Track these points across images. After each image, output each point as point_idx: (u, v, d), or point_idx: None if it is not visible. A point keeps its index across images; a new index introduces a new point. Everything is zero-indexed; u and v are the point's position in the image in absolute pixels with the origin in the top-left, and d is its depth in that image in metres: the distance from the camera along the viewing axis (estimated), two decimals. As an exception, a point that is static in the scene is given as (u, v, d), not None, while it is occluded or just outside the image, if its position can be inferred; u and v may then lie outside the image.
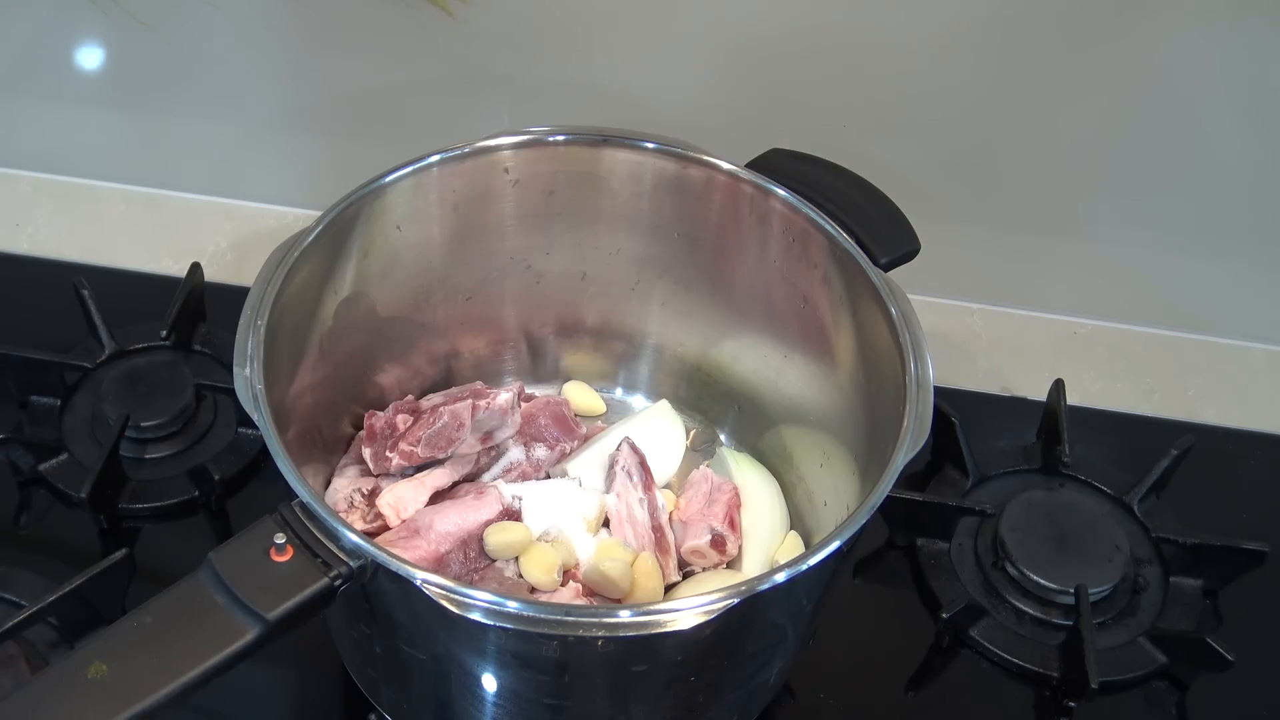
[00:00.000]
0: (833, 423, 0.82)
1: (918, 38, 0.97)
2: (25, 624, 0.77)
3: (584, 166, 0.84)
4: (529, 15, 0.99)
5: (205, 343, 0.99)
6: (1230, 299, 1.09)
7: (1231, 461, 1.01)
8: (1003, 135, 1.02)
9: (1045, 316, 1.12)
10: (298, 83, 1.07)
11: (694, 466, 0.89)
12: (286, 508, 0.64)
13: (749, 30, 0.98)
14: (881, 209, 0.81)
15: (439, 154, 0.81)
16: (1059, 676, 0.84)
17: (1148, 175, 1.02)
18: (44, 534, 0.89)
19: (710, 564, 0.82)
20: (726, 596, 0.61)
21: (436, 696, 0.72)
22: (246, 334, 0.70)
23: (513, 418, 0.83)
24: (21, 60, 1.08)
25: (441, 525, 0.78)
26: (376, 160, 0.80)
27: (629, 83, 1.02)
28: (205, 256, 1.07)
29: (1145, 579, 0.90)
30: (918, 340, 0.73)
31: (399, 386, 0.88)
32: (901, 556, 0.91)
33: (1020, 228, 1.07)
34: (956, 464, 0.95)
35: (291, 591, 0.61)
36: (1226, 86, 0.97)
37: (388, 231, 0.81)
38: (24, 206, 1.14)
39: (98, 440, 0.92)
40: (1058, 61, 0.97)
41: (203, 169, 1.14)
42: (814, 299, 0.82)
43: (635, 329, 0.93)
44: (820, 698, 0.84)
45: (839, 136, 1.00)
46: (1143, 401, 1.06)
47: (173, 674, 0.59)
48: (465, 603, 0.60)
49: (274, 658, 0.65)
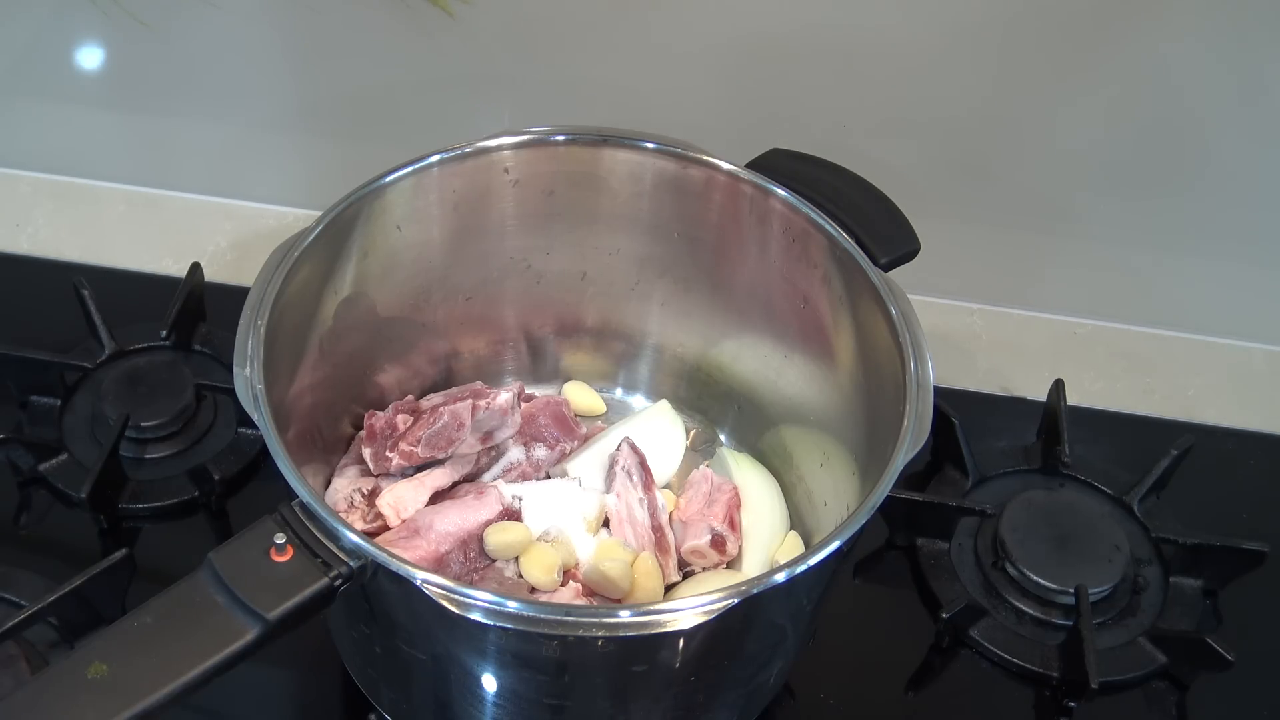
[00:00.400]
0: (833, 423, 0.82)
1: (918, 38, 0.97)
2: (25, 624, 0.77)
3: (584, 166, 0.84)
4: (529, 15, 0.99)
5: (205, 343, 0.99)
6: (1230, 299, 1.09)
7: (1231, 461, 1.01)
8: (1003, 135, 1.02)
9: (1045, 316, 1.12)
10: (298, 83, 1.07)
11: (694, 466, 0.88)
12: (286, 508, 0.64)
13: (749, 30, 0.98)
14: (881, 209, 0.81)
15: (439, 154, 0.81)
16: (1059, 676, 0.84)
17: (1148, 175, 1.02)
18: (44, 534, 0.89)
19: (710, 564, 0.82)
20: (726, 596, 0.61)
21: (436, 696, 0.72)
22: (246, 334, 0.70)
23: (513, 418, 0.83)
24: (21, 60, 1.08)
25: (441, 525, 0.78)
26: (376, 160, 0.80)
27: (629, 83, 1.02)
28: (205, 256, 1.07)
29: (1145, 579, 0.90)
30: (918, 340, 0.73)
31: (399, 386, 0.88)
32: (901, 556, 0.91)
33: (1020, 228, 1.07)
34: (956, 464, 0.95)
35: (291, 591, 0.61)
36: (1226, 86, 0.97)
37: (388, 231, 0.81)
38: (24, 206, 1.14)
39: (98, 440, 0.92)
40: (1058, 62, 0.97)
41: (203, 169, 1.14)
42: (814, 299, 0.82)
43: (635, 329, 0.93)
44: (820, 698, 0.84)
45: (839, 136, 1.00)
46: (1143, 401, 1.06)
47: (173, 674, 0.59)
48: (465, 603, 0.60)
49: (274, 658, 0.65)
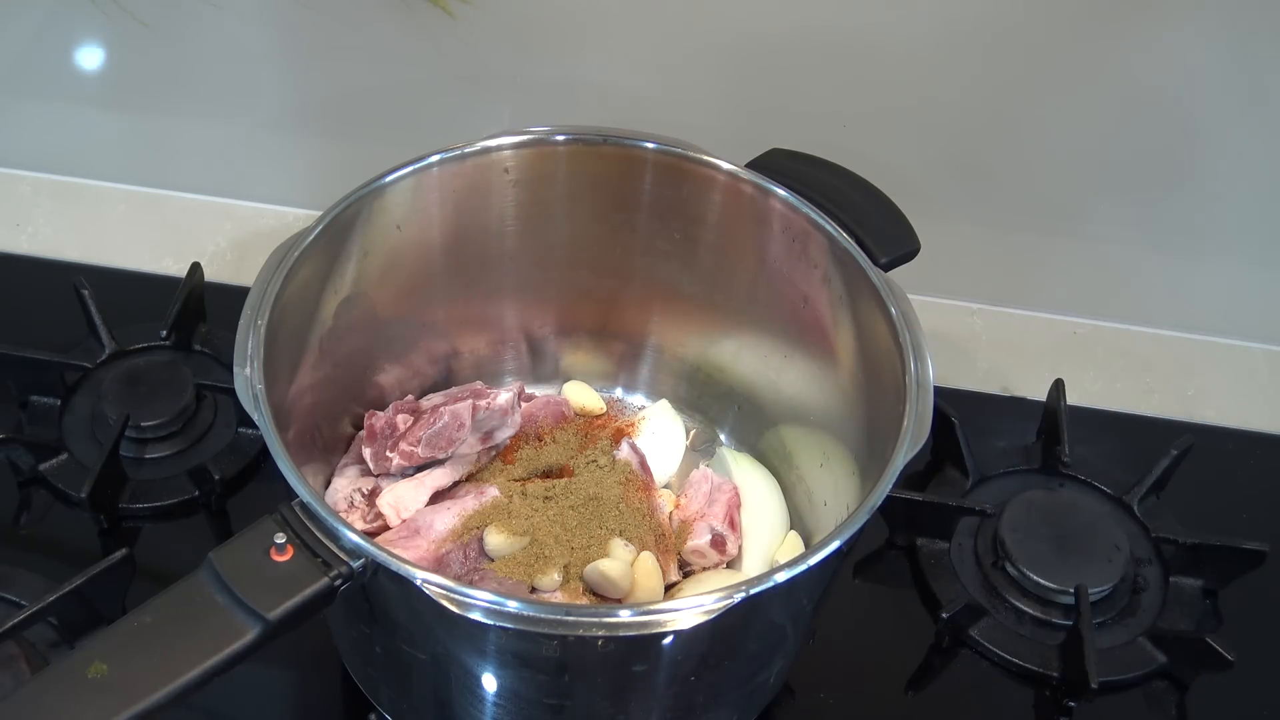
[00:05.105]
0: (833, 423, 0.82)
1: (918, 38, 0.97)
2: (25, 624, 0.77)
3: (584, 166, 0.84)
4: (529, 15, 0.99)
5: (205, 343, 0.99)
6: (1230, 299, 1.09)
7: (1231, 461, 1.01)
8: (1003, 135, 1.02)
9: (1045, 316, 1.12)
10: (298, 83, 1.07)
11: (694, 466, 0.88)
12: (286, 507, 0.64)
13: (749, 30, 0.98)
14: (881, 209, 0.81)
15: (439, 154, 0.81)
16: (1059, 676, 0.84)
17: (1148, 175, 1.02)
18: (44, 534, 0.89)
19: (710, 564, 0.82)
20: (726, 596, 0.61)
21: (436, 696, 0.72)
22: (246, 334, 0.70)
23: (513, 418, 0.83)
24: (21, 60, 1.08)
25: (441, 525, 0.78)
26: (376, 160, 0.80)
27: (629, 83, 1.02)
28: (205, 256, 1.07)
29: (1145, 579, 0.90)
30: (918, 340, 0.73)
31: (399, 386, 0.88)
32: (901, 556, 0.91)
33: (1020, 228, 1.07)
34: (956, 464, 0.95)
35: (291, 591, 0.61)
36: (1227, 87, 0.97)
37: (388, 231, 0.81)
38: (24, 206, 1.14)
39: (98, 440, 0.92)
40: (1058, 62, 0.97)
41: (203, 169, 1.14)
42: (814, 299, 0.82)
43: (635, 329, 0.93)
44: (820, 698, 0.84)
45: (839, 136, 1.00)
46: (1143, 401, 1.06)
47: (173, 674, 0.59)
48: (465, 602, 0.60)
49: (274, 658, 0.65)
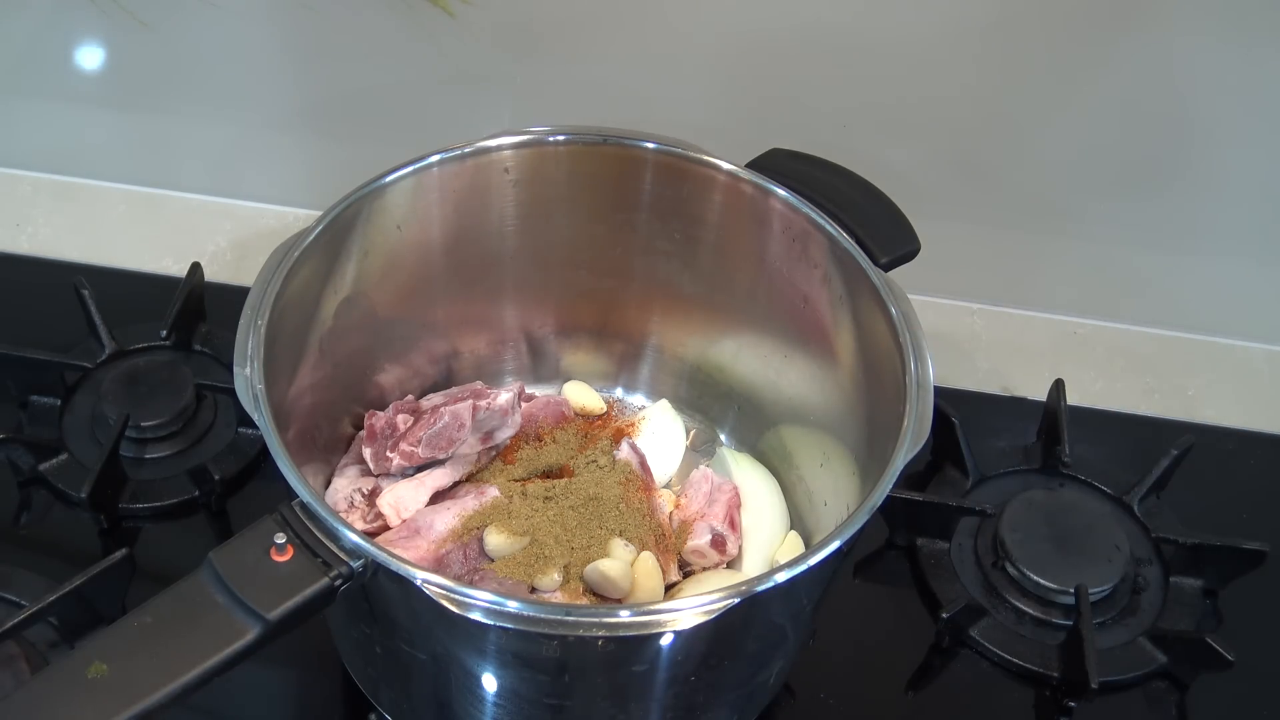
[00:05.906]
0: (833, 423, 0.82)
1: (918, 37, 0.97)
2: (25, 624, 0.77)
3: (584, 166, 0.84)
4: (529, 15, 0.99)
5: (205, 343, 0.99)
6: (1230, 299, 1.09)
7: (1231, 461, 1.01)
8: (1003, 135, 1.02)
9: (1045, 316, 1.12)
10: (298, 83, 1.07)
11: (694, 466, 0.88)
12: (286, 508, 0.64)
13: (749, 30, 0.98)
14: (881, 209, 0.81)
15: (439, 154, 0.81)
16: (1059, 676, 0.84)
17: (1148, 175, 1.02)
18: (44, 534, 0.89)
19: (710, 564, 0.82)
20: (726, 596, 0.61)
21: (436, 696, 0.72)
22: (246, 334, 0.70)
23: (513, 418, 0.83)
24: (21, 60, 1.08)
25: (441, 525, 0.78)
26: (376, 160, 0.80)
27: (629, 83, 1.02)
28: (205, 256, 1.07)
29: (1145, 579, 0.90)
30: (918, 340, 0.73)
31: (399, 386, 0.88)
32: (901, 556, 0.91)
33: (1020, 228, 1.07)
34: (956, 464, 0.95)
35: (292, 591, 0.61)
36: (1227, 86, 0.97)
37: (388, 231, 0.81)
38: (24, 206, 1.14)
39: (98, 440, 0.92)
40: (1059, 61, 0.97)
41: (203, 169, 1.14)
42: (814, 299, 0.82)
43: (635, 329, 0.93)
44: (820, 698, 0.84)
45: (839, 136, 1.00)
46: (1143, 401, 1.06)
47: (173, 674, 0.59)
48: (465, 603, 0.60)
49: (274, 658, 0.65)
